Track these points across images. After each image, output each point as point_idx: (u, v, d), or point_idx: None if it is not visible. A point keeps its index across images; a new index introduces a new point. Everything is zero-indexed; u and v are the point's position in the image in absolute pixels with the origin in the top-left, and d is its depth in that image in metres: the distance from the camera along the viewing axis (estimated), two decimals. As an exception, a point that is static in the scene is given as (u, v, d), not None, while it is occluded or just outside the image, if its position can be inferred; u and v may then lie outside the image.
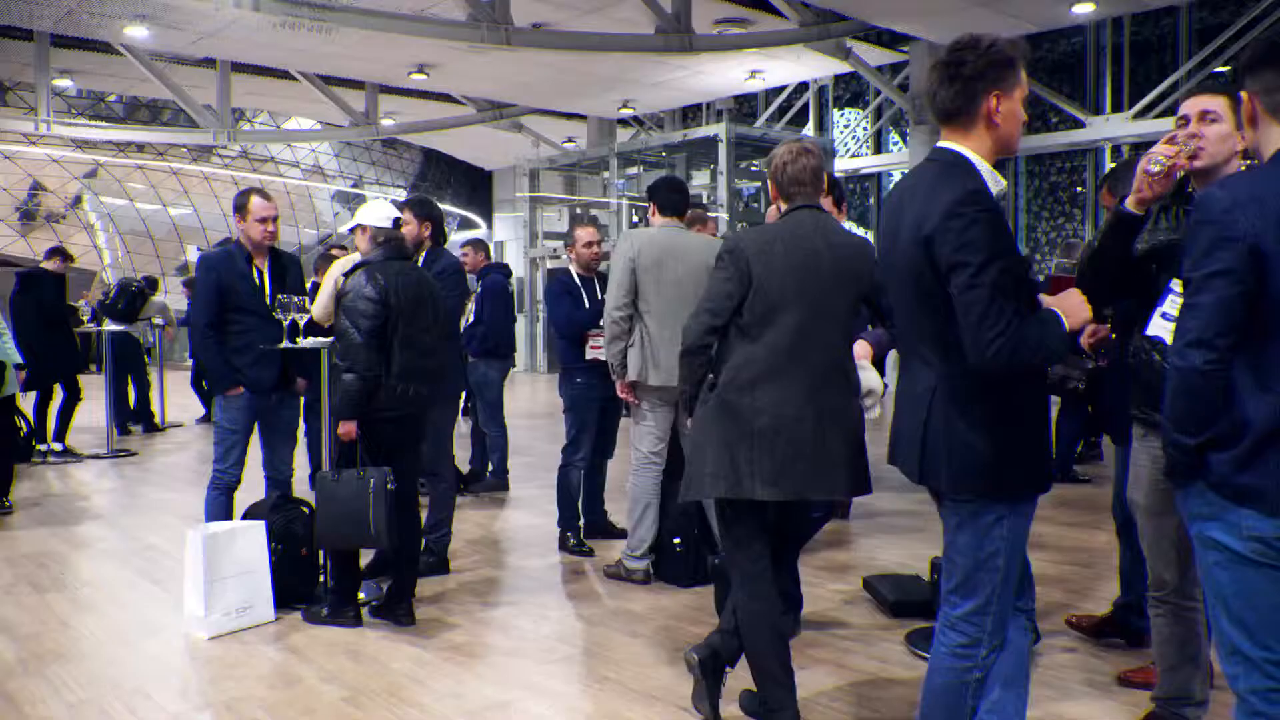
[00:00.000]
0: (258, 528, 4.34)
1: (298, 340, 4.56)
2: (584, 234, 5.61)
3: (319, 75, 17.34)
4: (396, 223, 4.36)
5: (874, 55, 15.77)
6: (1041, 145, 14.72)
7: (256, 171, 22.96)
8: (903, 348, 2.62)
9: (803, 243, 3.09)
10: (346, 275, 4.22)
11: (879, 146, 17.69)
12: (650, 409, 4.87)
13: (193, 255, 23.56)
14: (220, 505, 4.82)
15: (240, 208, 4.87)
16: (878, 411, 3.37)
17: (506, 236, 25.99)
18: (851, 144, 17.86)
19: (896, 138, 17.47)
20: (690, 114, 20.52)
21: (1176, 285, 2.75)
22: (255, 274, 4.88)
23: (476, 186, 26.96)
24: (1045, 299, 2.48)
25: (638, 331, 4.77)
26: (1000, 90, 2.38)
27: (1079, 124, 14.07)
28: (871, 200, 17.77)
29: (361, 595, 4.40)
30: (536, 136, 20.88)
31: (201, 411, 11.62)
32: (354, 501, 4.02)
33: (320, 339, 4.55)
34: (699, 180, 17.56)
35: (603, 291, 5.56)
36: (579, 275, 5.62)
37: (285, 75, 17.41)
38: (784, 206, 3.21)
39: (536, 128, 20.69)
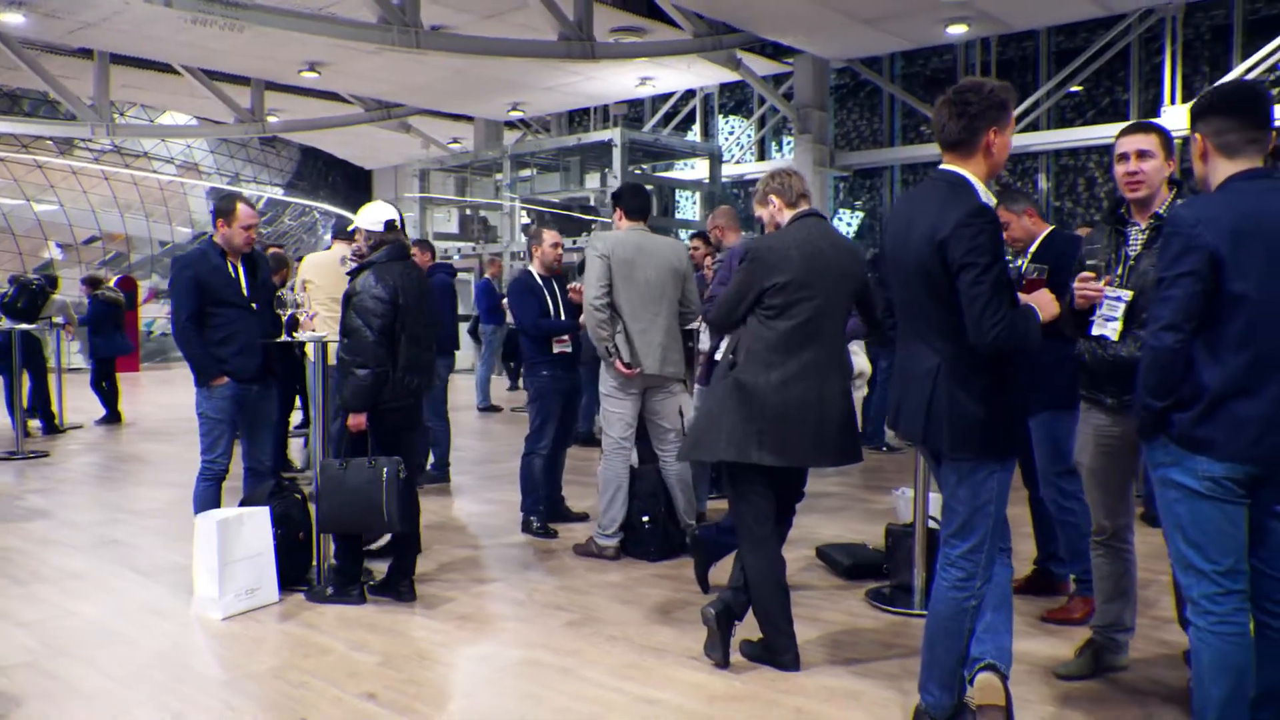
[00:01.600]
0: (263, 513, 4.56)
1: (295, 334, 4.79)
2: (550, 236, 5.97)
3: (204, 70, 17.01)
4: (389, 225, 4.64)
5: (761, 66, 16.50)
6: (915, 155, 15.73)
7: (129, 166, 22.18)
8: (905, 333, 3.13)
9: (812, 245, 3.59)
10: (352, 276, 4.49)
11: (763, 154, 18.47)
12: (621, 397, 5.27)
13: (55, 252, 22.59)
14: (211, 495, 4.98)
15: (226, 212, 5.00)
16: (865, 390, 3.90)
17: (387, 236, 25.80)
18: (736, 151, 18.59)
19: (778, 146, 18.28)
20: (577, 118, 20.93)
21: (1110, 290, 3.34)
22: (231, 268, 5.05)
23: (355, 185, 26.68)
24: (1022, 297, 3.03)
25: (618, 323, 5.15)
26: (997, 127, 2.92)
27: (950, 136, 15.11)
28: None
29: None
30: (424, 137, 20.91)
31: (102, 412, 11.39)
32: (366, 488, 4.29)
33: (316, 334, 4.79)
34: (590, 184, 18.01)
35: (563, 292, 5.95)
36: (540, 276, 5.98)
37: (166, 68, 17.00)
38: (788, 215, 3.70)
39: (423, 128, 20.74)
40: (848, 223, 17.64)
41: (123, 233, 22.72)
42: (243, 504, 4.78)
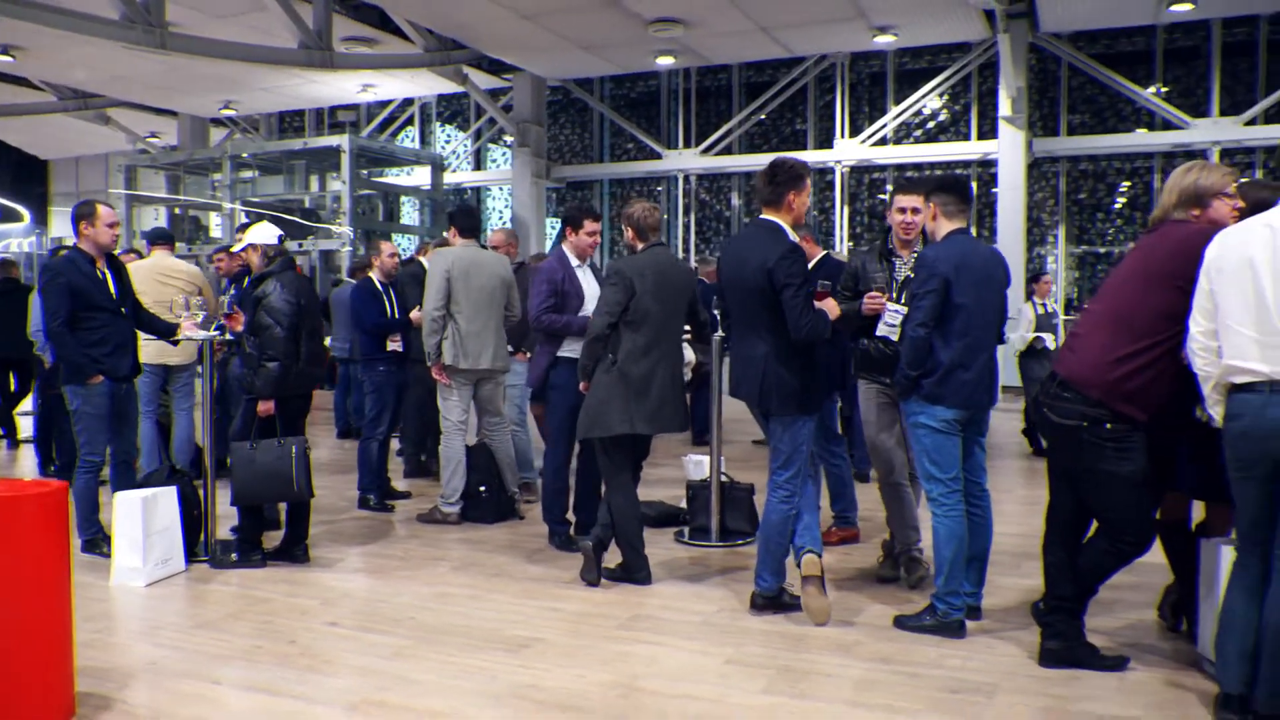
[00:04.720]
0: (171, 492, 5.14)
1: (177, 334, 5.39)
2: (388, 247, 6.81)
3: None
4: (282, 239, 5.37)
5: (483, 80, 17.55)
6: (624, 172, 17.46)
7: None
8: (741, 330, 4.45)
9: (660, 267, 4.85)
10: (255, 282, 5.20)
11: (479, 163, 19.50)
12: (458, 387, 6.25)
13: None
14: (91, 487, 5.42)
15: (87, 215, 5.39)
16: (689, 375, 5.23)
17: (66, 232, 24.15)
18: (454, 160, 19.48)
19: (495, 156, 19.38)
20: (288, 118, 20.91)
21: (890, 305, 4.82)
22: (99, 274, 5.47)
23: (25, 176, 24.69)
24: (816, 303, 4.45)
25: (450, 328, 6.14)
26: (794, 191, 4.32)
27: (656, 155, 16.98)
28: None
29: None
30: (123, 130, 20.04)
31: None
32: (277, 464, 5.04)
33: (207, 333, 5.40)
34: (314, 188, 18.20)
35: (399, 297, 6.82)
36: (380, 282, 6.80)
37: None
38: (640, 245, 4.94)
39: (121, 120, 19.87)
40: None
41: None
42: (127, 487, 5.29)
